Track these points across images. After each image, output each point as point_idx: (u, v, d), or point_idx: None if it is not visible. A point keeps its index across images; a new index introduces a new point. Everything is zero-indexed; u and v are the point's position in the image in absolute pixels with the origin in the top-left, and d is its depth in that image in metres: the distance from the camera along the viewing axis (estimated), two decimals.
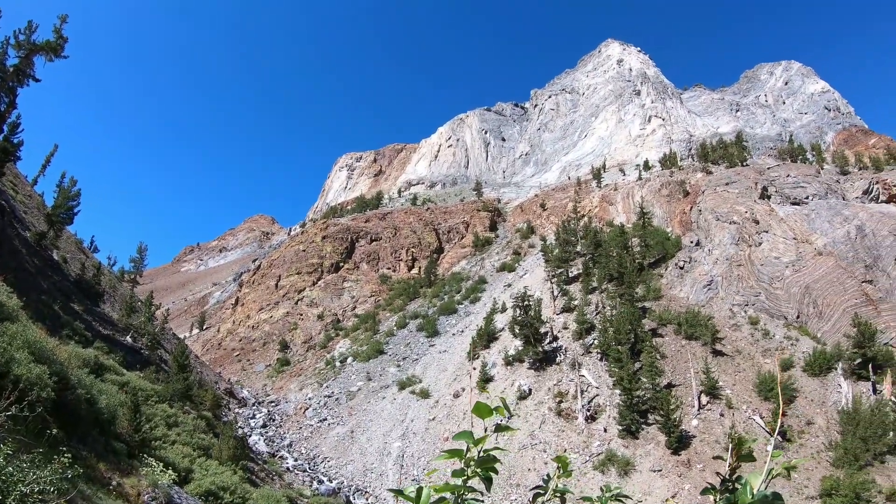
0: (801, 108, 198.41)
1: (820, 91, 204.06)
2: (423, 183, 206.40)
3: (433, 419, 58.19)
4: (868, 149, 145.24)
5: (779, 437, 44.39)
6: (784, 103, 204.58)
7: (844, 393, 48.46)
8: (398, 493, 2.59)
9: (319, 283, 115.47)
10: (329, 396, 70.63)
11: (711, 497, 2.60)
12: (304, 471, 50.25)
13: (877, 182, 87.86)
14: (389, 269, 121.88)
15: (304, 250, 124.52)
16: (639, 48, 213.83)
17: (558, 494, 3.06)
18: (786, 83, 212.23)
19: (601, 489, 3.12)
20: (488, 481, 2.71)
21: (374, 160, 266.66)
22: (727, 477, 2.56)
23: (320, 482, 47.53)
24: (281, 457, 52.04)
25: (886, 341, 54.74)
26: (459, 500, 2.69)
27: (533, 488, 3.10)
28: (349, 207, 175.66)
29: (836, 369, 51.91)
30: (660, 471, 42.79)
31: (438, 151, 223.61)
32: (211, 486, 22.86)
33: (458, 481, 2.72)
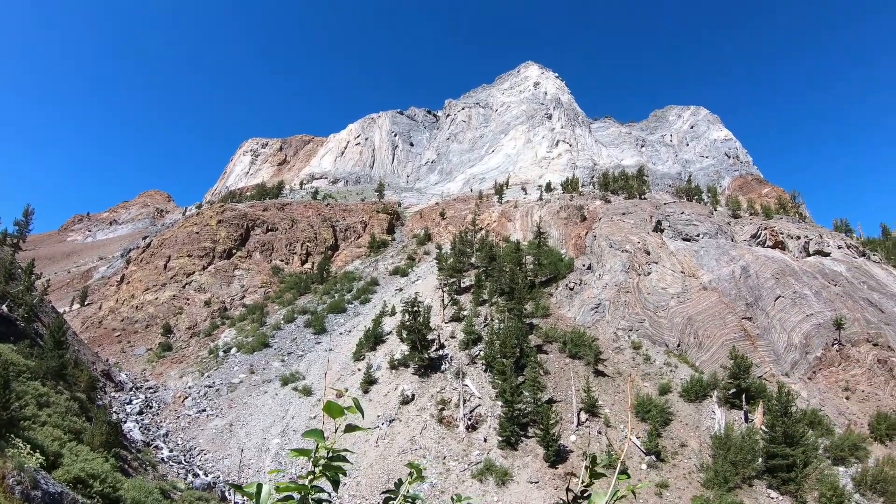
0: (703, 152, 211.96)
1: (723, 138, 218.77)
2: (326, 178, 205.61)
3: (314, 417, 57.94)
4: (761, 197, 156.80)
5: (653, 457, 47.24)
6: (688, 145, 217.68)
7: (718, 419, 52.17)
8: (237, 488, 2.68)
9: (210, 268, 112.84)
10: (210, 387, 69.49)
11: None
12: (180, 463, 49.07)
13: (765, 228, 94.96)
14: (283, 261, 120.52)
15: (197, 233, 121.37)
16: (556, 74, 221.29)
17: (409, 500, 3.12)
18: (692, 127, 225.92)
19: (451, 499, 3.20)
20: (335, 483, 2.81)
21: (280, 148, 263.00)
22: (578, 494, 2.72)
23: (195, 475, 46.42)
24: (156, 447, 50.51)
25: (760, 375, 59.85)
26: (306, 500, 2.72)
27: (383, 492, 3.18)
28: (248, 194, 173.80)
29: (711, 397, 55.99)
30: (537, 483, 44.40)
31: (346, 148, 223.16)
32: (80, 473, 22.10)
33: (306, 481, 2.76)
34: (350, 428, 2.86)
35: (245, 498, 2.64)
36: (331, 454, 2.80)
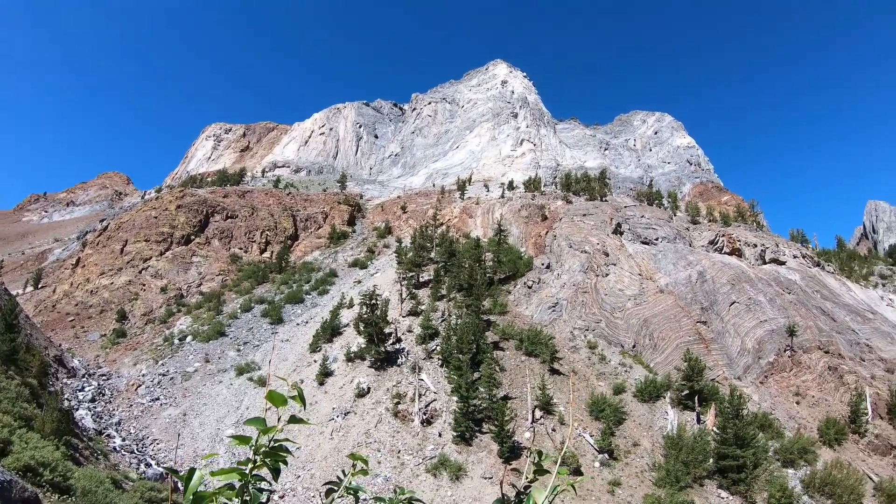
0: (666, 158, 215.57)
1: (686, 146, 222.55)
2: (289, 166, 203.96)
3: (269, 408, 56.90)
4: (720, 204, 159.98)
5: (606, 456, 47.77)
6: (651, 150, 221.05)
7: (670, 420, 52.99)
8: (173, 472, 2.67)
9: (167, 253, 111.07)
10: (164, 375, 68.55)
11: None
12: (132, 452, 48.19)
13: (723, 235, 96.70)
14: (241, 249, 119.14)
15: (156, 217, 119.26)
16: (525, 74, 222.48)
17: (351, 492, 3.14)
18: (655, 132, 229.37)
19: (394, 491, 3.28)
20: (276, 472, 2.79)
21: (244, 135, 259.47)
22: (521, 490, 2.77)
23: (148, 465, 45.47)
24: (108, 435, 49.44)
25: (713, 377, 60.99)
26: (247, 488, 2.69)
27: (325, 483, 3.20)
28: (209, 179, 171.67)
29: (664, 398, 56.87)
30: (491, 478, 44.56)
31: (310, 137, 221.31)
32: (30, 461, 21.52)
33: (246, 469, 2.74)
34: (293, 419, 2.88)
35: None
36: (272, 443, 2.80)
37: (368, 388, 56.70)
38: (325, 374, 60.77)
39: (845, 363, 68.66)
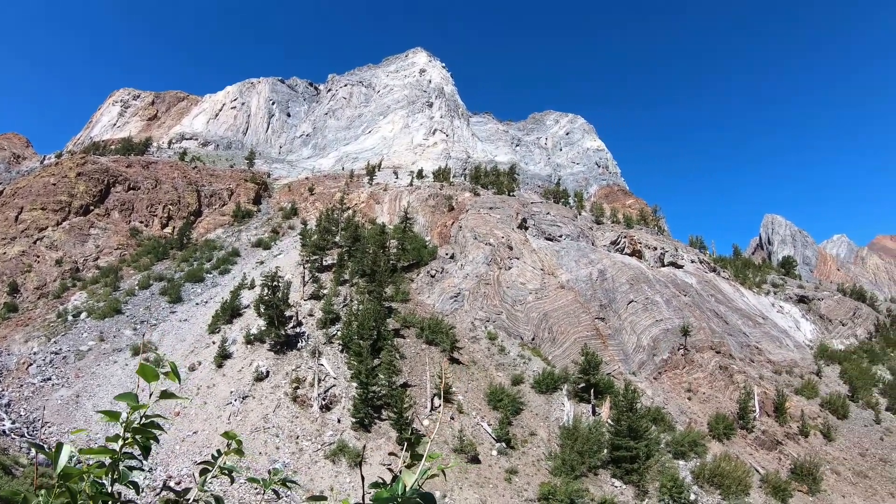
0: (575, 159, 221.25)
1: (595, 148, 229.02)
2: (196, 139, 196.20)
3: (165, 391, 55.25)
4: (624, 207, 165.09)
5: (503, 444, 48.63)
6: (561, 150, 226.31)
7: (567, 411, 54.52)
8: (39, 448, 2.61)
9: (64, 224, 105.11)
10: (56, 353, 65.75)
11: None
12: (23, 436, 46.88)
13: (625, 236, 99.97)
14: (142, 223, 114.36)
15: (54, 184, 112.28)
16: (444, 64, 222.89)
17: (226, 472, 3.12)
18: (567, 133, 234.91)
19: (268, 472, 3.22)
20: (146, 450, 2.73)
21: (153, 102, 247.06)
22: (396, 474, 2.79)
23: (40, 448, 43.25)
24: None
25: (609, 372, 63.15)
26: (116, 466, 2.64)
27: (199, 462, 3.15)
28: (113, 147, 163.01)
29: (561, 390, 58.46)
30: (390, 465, 44.58)
31: (220, 111, 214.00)
32: None
33: (116, 446, 2.66)
34: (165, 395, 2.85)
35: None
36: (143, 419, 2.73)
37: (267, 372, 55.82)
38: (223, 356, 59.44)
39: (735, 363, 72.47)
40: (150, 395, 2.72)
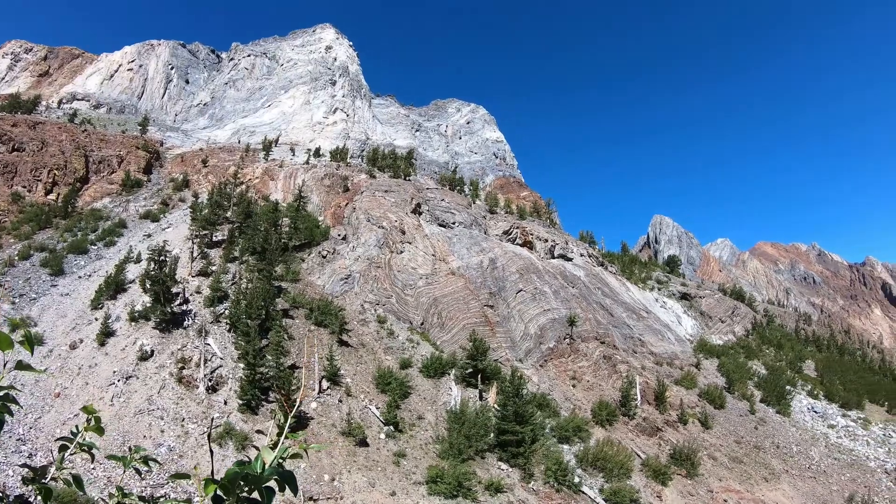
0: (474, 148, 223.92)
1: (494, 139, 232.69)
2: (89, 100, 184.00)
3: (45, 369, 52.17)
4: (519, 198, 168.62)
5: (391, 428, 49.03)
6: (461, 139, 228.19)
7: (454, 396, 55.45)
8: None
9: None
10: None
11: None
12: None
13: (517, 227, 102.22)
14: (25, 188, 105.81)
15: None
16: (351, 43, 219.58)
17: (85, 448, 3.10)
18: (468, 122, 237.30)
19: (129, 449, 3.22)
20: None
21: (45, 58, 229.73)
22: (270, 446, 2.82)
23: None
24: None
25: (497, 358, 64.86)
26: None
27: (58, 439, 3.11)
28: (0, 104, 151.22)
29: (449, 374, 59.40)
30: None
31: (116, 72, 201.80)
32: None
33: None
34: (21, 366, 2.73)
35: None
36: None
37: (152, 351, 53.76)
38: (106, 333, 56.48)
39: (619, 354, 75.76)
40: (4, 364, 2.59)
